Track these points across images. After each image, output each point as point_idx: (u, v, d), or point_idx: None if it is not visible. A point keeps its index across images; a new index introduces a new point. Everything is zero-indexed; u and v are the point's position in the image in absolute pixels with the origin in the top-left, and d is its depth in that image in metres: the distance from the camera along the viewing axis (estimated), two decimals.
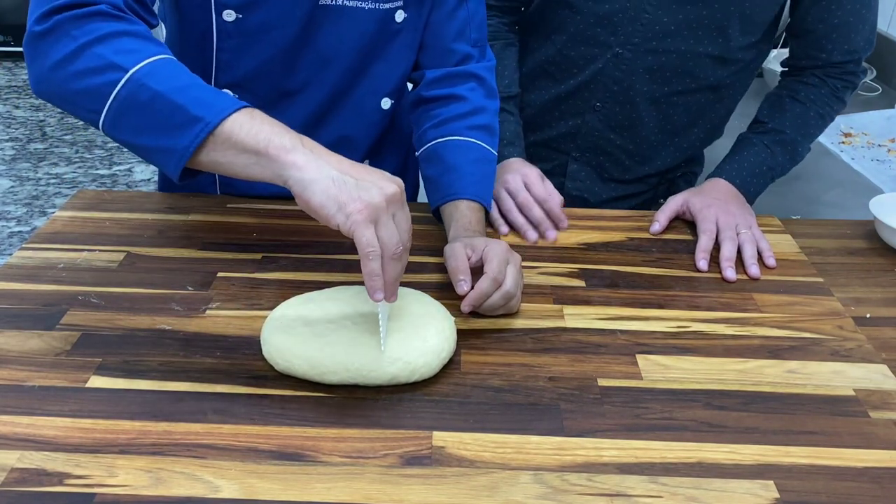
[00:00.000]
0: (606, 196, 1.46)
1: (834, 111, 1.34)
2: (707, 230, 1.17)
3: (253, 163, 0.80)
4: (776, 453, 0.79)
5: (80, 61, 0.82)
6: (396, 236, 0.79)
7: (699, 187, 1.28)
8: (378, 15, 1.09)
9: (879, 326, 1.02)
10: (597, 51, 1.32)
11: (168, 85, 0.81)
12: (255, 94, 1.09)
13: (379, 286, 0.79)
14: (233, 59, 1.08)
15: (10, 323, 0.93)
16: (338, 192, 0.77)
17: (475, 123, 1.16)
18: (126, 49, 0.82)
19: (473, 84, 1.19)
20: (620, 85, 1.33)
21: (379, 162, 1.27)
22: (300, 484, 0.73)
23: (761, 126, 1.33)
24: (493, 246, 0.98)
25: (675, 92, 1.33)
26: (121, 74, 0.81)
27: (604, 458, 0.78)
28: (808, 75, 1.33)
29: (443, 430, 0.80)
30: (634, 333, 0.97)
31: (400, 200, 0.81)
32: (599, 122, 1.38)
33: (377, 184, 0.79)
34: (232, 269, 1.06)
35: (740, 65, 1.33)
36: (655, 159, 1.42)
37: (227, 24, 1.04)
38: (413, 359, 0.85)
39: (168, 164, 0.83)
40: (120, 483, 0.72)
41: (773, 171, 1.30)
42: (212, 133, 0.80)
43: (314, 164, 0.79)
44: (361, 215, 0.76)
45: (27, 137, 1.84)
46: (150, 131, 0.82)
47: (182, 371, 0.87)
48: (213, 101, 0.82)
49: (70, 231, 1.13)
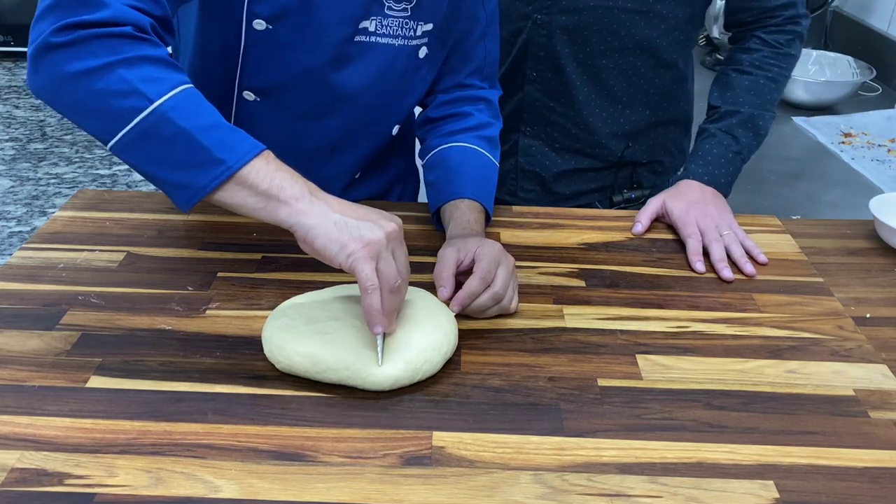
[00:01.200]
0: (559, 169, 1.44)
1: (785, 69, 1.31)
2: (691, 234, 1.17)
3: (262, 206, 0.83)
4: (776, 453, 0.79)
5: (103, 81, 0.81)
6: (395, 270, 0.84)
7: (675, 188, 1.27)
8: (406, 51, 1.11)
9: (879, 326, 1.02)
10: (521, 23, 1.36)
11: (192, 122, 0.82)
12: (275, 104, 1.10)
13: (378, 320, 0.84)
14: (259, 66, 1.08)
15: (10, 323, 0.93)
16: (339, 234, 0.81)
17: (479, 135, 1.19)
18: (151, 77, 0.82)
19: (483, 106, 1.23)
20: (545, 50, 1.35)
21: (382, 168, 1.28)
22: (300, 484, 0.73)
23: (715, 112, 1.31)
24: (485, 247, 0.98)
25: (599, 52, 1.33)
26: (145, 104, 0.81)
27: (604, 458, 0.78)
28: (749, 38, 1.32)
29: (443, 430, 0.80)
30: (634, 333, 0.97)
31: (398, 237, 0.86)
32: (538, 91, 1.40)
33: (377, 222, 0.83)
34: (232, 269, 1.06)
35: (670, 22, 1.32)
36: (603, 127, 1.40)
37: (258, 32, 1.04)
38: (413, 357, 0.85)
39: (180, 197, 0.84)
40: (120, 483, 0.72)
41: (740, 154, 1.28)
42: (231, 176, 0.82)
43: (318, 210, 0.82)
44: (362, 253, 0.81)
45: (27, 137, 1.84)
46: (168, 165, 0.83)
47: (182, 371, 0.87)
48: (236, 144, 0.83)
49: (70, 231, 1.13)
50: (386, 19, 1.06)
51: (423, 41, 1.11)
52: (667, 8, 1.31)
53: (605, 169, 1.45)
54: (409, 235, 1.16)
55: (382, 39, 1.08)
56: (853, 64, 2.04)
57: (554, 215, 1.26)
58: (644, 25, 1.31)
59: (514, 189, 1.50)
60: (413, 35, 1.10)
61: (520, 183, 1.49)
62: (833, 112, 1.92)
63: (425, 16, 1.09)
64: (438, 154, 1.17)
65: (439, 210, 1.13)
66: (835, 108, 1.94)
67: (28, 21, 0.86)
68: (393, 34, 1.08)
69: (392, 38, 1.08)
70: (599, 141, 1.41)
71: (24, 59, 0.89)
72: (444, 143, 1.18)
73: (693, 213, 1.20)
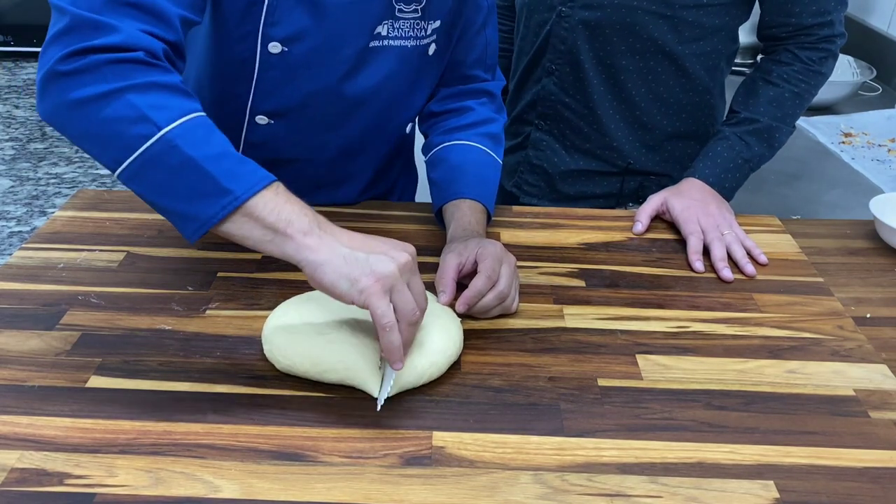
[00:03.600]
0: (567, 167, 1.44)
1: (812, 86, 1.30)
2: (693, 232, 1.17)
3: (269, 240, 0.80)
4: (776, 453, 0.79)
5: (112, 107, 0.79)
6: (412, 302, 0.80)
7: (677, 187, 1.27)
8: (418, 51, 1.10)
9: (879, 326, 1.02)
10: (546, 14, 1.36)
11: (200, 151, 0.80)
12: (290, 124, 1.10)
13: (398, 357, 0.80)
14: (273, 90, 1.07)
15: (10, 323, 0.93)
16: (349, 270, 0.78)
17: (482, 132, 1.18)
18: (160, 104, 0.80)
19: (485, 99, 1.22)
20: (566, 44, 1.35)
21: (387, 166, 1.29)
22: (300, 484, 0.73)
23: (734, 116, 1.31)
24: (486, 247, 0.98)
25: (619, 51, 1.33)
26: (153, 130, 0.79)
27: (604, 458, 0.78)
28: (782, 52, 1.30)
29: (443, 430, 0.80)
30: (634, 333, 0.97)
31: (412, 268, 0.82)
32: (554, 85, 1.40)
33: (388, 254, 0.80)
34: (232, 269, 1.06)
35: (695, 31, 1.30)
36: (616, 130, 1.39)
37: (273, 56, 1.02)
38: (418, 362, 0.85)
39: (187, 229, 0.82)
40: (120, 483, 0.72)
41: (749, 162, 1.28)
42: (238, 207, 0.80)
43: (326, 245, 0.79)
44: (374, 288, 0.77)
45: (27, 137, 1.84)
46: (175, 194, 0.81)
47: (182, 371, 0.87)
48: (244, 175, 0.81)
49: (70, 231, 1.13)
50: (397, 22, 1.06)
51: (433, 38, 1.11)
52: (693, 15, 1.29)
53: (613, 175, 1.43)
54: (409, 235, 1.16)
55: (395, 42, 1.07)
56: (853, 64, 2.04)
57: (554, 215, 1.26)
58: (667, 30, 1.30)
59: (520, 182, 1.50)
60: (424, 35, 1.09)
61: (526, 176, 1.49)
62: (833, 112, 1.92)
63: (434, 13, 1.08)
64: (441, 152, 1.17)
65: (441, 208, 1.13)
66: (835, 108, 1.93)
67: (28, 21, 0.85)
68: (405, 36, 1.07)
69: (404, 40, 1.08)
70: (610, 143, 1.40)
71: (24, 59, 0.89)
72: (445, 140, 1.18)
73: (695, 212, 1.20)
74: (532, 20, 1.39)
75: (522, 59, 1.44)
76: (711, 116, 1.41)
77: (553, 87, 1.40)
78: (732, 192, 1.29)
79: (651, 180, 1.42)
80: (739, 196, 1.34)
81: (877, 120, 1.86)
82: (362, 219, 1.20)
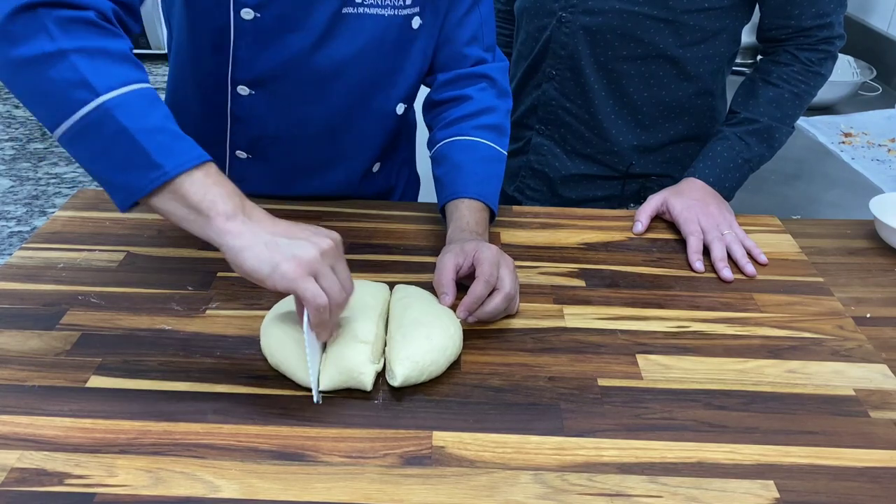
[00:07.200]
0: (568, 172, 1.44)
1: (811, 87, 1.30)
2: (693, 231, 1.17)
3: (192, 220, 0.80)
4: (776, 453, 0.79)
5: (55, 69, 0.79)
6: (338, 285, 0.81)
7: (677, 186, 1.27)
8: (396, 22, 1.09)
9: (879, 326, 1.02)
10: (546, 20, 1.36)
11: (136, 123, 0.80)
12: (270, 95, 1.10)
13: (327, 337, 0.84)
14: (250, 57, 1.07)
15: (10, 323, 0.93)
16: (270, 255, 0.78)
17: (482, 123, 1.17)
18: (103, 71, 0.80)
19: (484, 84, 1.20)
20: (567, 49, 1.35)
21: (391, 157, 1.28)
22: (300, 484, 0.73)
23: (734, 116, 1.31)
24: (483, 250, 0.98)
25: (620, 57, 1.33)
26: (91, 97, 0.79)
27: (604, 458, 0.78)
28: (781, 53, 1.30)
29: (443, 430, 0.80)
30: (634, 333, 0.97)
31: (336, 253, 0.83)
32: (555, 90, 1.40)
33: (310, 240, 0.81)
34: (232, 268, 1.05)
35: (696, 35, 1.30)
36: (616, 134, 1.39)
37: (246, 22, 1.03)
38: (420, 357, 0.85)
39: (116, 197, 0.82)
40: (120, 483, 0.72)
41: (749, 162, 1.28)
42: (167, 182, 0.80)
43: (249, 230, 0.80)
44: (296, 272, 0.78)
45: (27, 137, 1.84)
46: (107, 163, 0.82)
47: (182, 371, 0.87)
48: (178, 152, 0.81)
49: (70, 231, 1.13)
50: None
51: (415, 10, 1.10)
52: (695, 20, 1.29)
53: (615, 178, 1.44)
54: (409, 235, 1.16)
55: (370, 10, 1.06)
56: (853, 64, 2.04)
57: (554, 215, 1.26)
58: (668, 34, 1.30)
59: (522, 187, 1.50)
60: (403, 4, 1.08)
61: (527, 181, 1.49)
62: (833, 112, 1.92)
63: None
64: (443, 148, 1.16)
65: (444, 206, 1.13)
66: (835, 108, 1.94)
67: None
68: (381, 4, 1.06)
69: (381, 9, 1.07)
70: (612, 148, 1.40)
71: None
72: (447, 136, 1.17)
73: (695, 211, 1.20)
74: (532, 25, 1.39)
75: (522, 63, 1.44)
76: (713, 118, 1.41)
77: (553, 92, 1.40)
78: (732, 192, 1.29)
79: (652, 181, 1.42)
80: (739, 196, 1.34)
81: (877, 120, 1.86)
82: (363, 218, 1.20)
